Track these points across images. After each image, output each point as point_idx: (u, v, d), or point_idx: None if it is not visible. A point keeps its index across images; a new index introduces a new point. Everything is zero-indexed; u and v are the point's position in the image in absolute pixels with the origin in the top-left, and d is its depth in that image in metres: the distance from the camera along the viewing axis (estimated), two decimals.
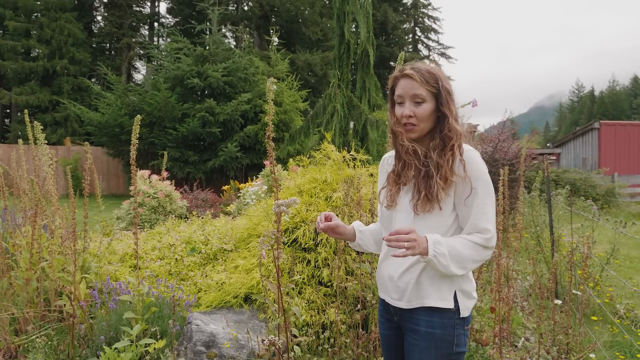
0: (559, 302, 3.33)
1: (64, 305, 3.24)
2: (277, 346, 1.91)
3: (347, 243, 2.61)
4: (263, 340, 1.93)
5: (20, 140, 4.03)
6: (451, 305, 1.58)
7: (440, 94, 1.58)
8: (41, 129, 3.34)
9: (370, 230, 1.84)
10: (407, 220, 1.62)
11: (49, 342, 3.13)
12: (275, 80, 2.16)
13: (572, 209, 4.95)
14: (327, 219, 1.75)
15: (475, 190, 1.55)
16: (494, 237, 1.55)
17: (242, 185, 7.19)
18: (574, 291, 3.67)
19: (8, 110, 25.82)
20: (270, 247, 1.87)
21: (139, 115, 2.84)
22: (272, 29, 18.17)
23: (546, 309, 3.93)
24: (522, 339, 3.52)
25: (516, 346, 3.42)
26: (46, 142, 3.42)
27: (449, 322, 1.58)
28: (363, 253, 3.22)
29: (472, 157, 1.57)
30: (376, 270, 1.77)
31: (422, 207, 1.57)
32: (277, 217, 1.88)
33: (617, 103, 63.58)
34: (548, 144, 29.89)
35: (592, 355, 3.11)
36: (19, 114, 24.43)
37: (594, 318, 3.92)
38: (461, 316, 1.59)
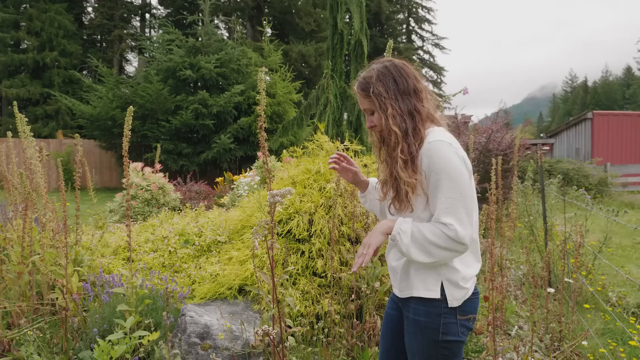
0: (552, 290, 3.35)
1: (57, 298, 3.22)
2: (271, 336, 1.90)
3: (341, 233, 2.59)
4: (257, 331, 1.92)
5: (9, 133, 3.97)
6: (437, 295, 1.59)
7: (374, 101, 1.61)
8: (32, 122, 3.30)
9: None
10: (389, 216, 1.71)
11: (42, 336, 3.11)
12: (267, 70, 2.13)
13: (565, 198, 4.97)
14: (349, 162, 1.84)
15: (438, 182, 1.50)
16: (461, 232, 1.47)
17: (235, 177, 7.16)
18: (566, 279, 3.69)
19: None
20: (263, 238, 1.85)
21: (131, 107, 2.80)
22: (265, 20, 18.04)
23: (539, 298, 3.95)
24: (516, 327, 3.55)
25: (510, 334, 3.45)
26: (37, 135, 3.38)
27: (435, 311, 1.59)
28: (358, 244, 3.22)
29: (433, 148, 1.52)
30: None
31: (396, 208, 1.62)
32: (271, 207, 1.87)
33: (610, 93, 63.86)
34: (541, 135, 30.01)
35: (584, 343, 3.14)
36: (9, 107, 24.16)
37: (587, 306, 3.95)
38: (450, 306, 1.58)
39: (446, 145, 1.53)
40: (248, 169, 7.30)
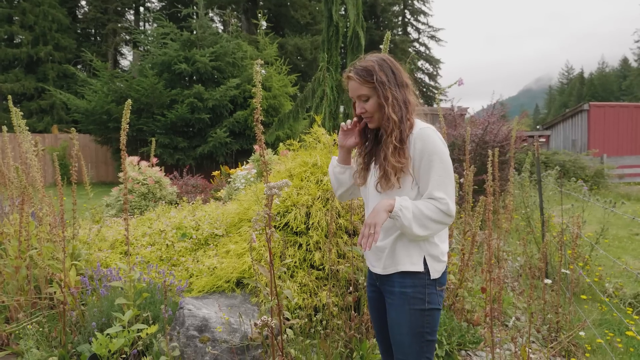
0: (549, 281, 3.37)
1: (55, 292, 3.22)
2: (270, 327, 1.91)
3: (339, 226, 2.58)
4: (256, 324, 1.92)
5: (4, 128, 3.94)
6: (421, 268, 1.76)
7: (376, 88, 1.74)
8: (27, 117, 3.28)
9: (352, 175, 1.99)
10: (375, 196, 1.80)
11: (41, 330, 3.11)
12: (262, 62, 2.13)
13: (562, 190, 4.98)
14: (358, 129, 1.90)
15: (431, 163, 1.69)
16: (451, 205, 1.68)
17: (232, 170, 7.14)
18: (563, 271, 3.71)
19: None
20: (261, 230, 1.85)
21: (129, 100, 2.79)
22: (260, 13, 17.92)
23: (536, 289, 3.97)
24: (513, 318, 3.57)
25: (507, 325, 3.47)
26: (32, 130, 3.36)
27: (420, 283, 1.76)
28: (355, 236, 3.22)
29: (426, 134, 1.72)
30: None
31: (383, 186, 1.74)
32: (269, 199, 1.86)
33: (607, 85, 63.91)
34: (538, 126, 30.04)
35: (581, 333, 3.16)
36: (4, 102, 24.01)
37: (584, 297, 3.97)
38: (432, 278, 1.77)
39: (434, 132, 1.74)
40: (245, 162, 7.28)
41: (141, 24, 31.10)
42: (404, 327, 1.78)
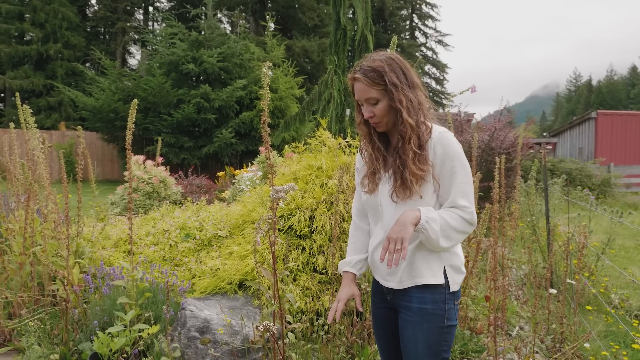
0: (553, 291, 3.34)
1: (58, 289, 3.22)
2: (272, 331, 1.89)
3: (343, 230, 2.57)
4: (257, 327, 1.91)
5: (11, 124, 3.96)
6: (441, 280, 1.63)
7: (387, 91, 1.59)
8: (36, 114, 3.30)
9: (356, 248, 1.84)
10: (390, 206, 1.66)
11: (43, 326, 3.11)
12: (270, 64, 2.11)
13: (569, 198, 4.95)
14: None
15: (453, 169, 1.59)
16: (474, 214, 1.60)
17: (237, 171, 7.15)
18: (569, 281, 3.68)
19: (2, 95, 25.55)
20: (265, 233, 1.84)
21: (135, 100, 2.79)
22: (268, 15, 17.96)
23: (541, 298, 3.93)
24: (517, 327, 3.53)
25: (510, 335, 3.44)
26: (40, 126, 3.37)
27: (440, 298, 1.63)
28: None
29: (445, 138, 1.61)
30: (369, 255, 1.80)
31: (401, 195, 1.61)
32: (273, 203, 1.85)
33: (615, 93, 63.54)
34: (544, 134, 29.92)
35: (586, 345, 3.12)
36: (12, 98, 24.18)
37: (589, 307, 3.93)
38: (451, 291, 1.65)
39: (451, 135, 1.63)
40: (249, 164, 7.28)
41: (150, 23, 31.28)
42: (420, 345, 1.64)
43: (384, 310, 1.82)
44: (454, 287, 1.65)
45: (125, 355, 2.68)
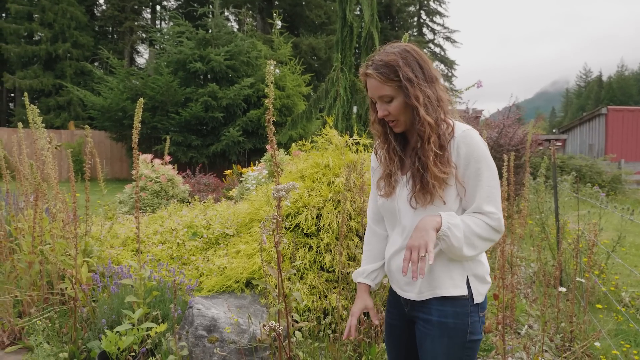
0: (563, 289, 3.30)
1: (66, 288, 3.24)
2: (277, 332, 1.89)
3: (350, 228, 2.55)
4: (264, 326, 1.91)
5: (20, 124, 3.99)
6: (465, 292, 1.49)
7: (402, 87, 1.45)
8: (45, 113, 3.32)
9: (371, 257, 1.75)
10: (408, 212, 1.53)
11: (51, 325, 3.14)
12: (276, 62, 2.09)
13: (578, 196, 4.89)
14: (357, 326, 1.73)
15: (479, 171, 1.44)
16: (502, 220, 1.46)
17: (244, 169, 7.16)
18: (578, 279, 3.64)
19: (12, 94, 25.81)
20: (271, 232, 1.83)
21: (141, 99, 2.79)
22: (275, 12, 17.97)
23: (550, 297, 3.90)
24: (526, 326, 3.50)
25: (519, 333, 3.41)
26: (50, 126, 3.39)
27: (463, 311, 1.50)
28: None
29: (470, 136, 1.46)
30: (386, 263, 1.68)
31: (421, 201, 1.47)
32: (278, 202, 1.85)
33: (626, 88, 62.81)
34: (554, 130, 29.67)
35: (596, 344, 3.09)
36: (22, 98, 24.41)
37: (599, 306, 3.88)
38: (475, 302, 1.51)
39: (477, 134, 1.48)
40: (257, 162, 7.29)
41: (157, 22, 31.40)
42: (439, 359, 1.53)
43: (399, 322, 1.70)
44: (478, 299, 1.51)
45: (133, 353, 2.70)
